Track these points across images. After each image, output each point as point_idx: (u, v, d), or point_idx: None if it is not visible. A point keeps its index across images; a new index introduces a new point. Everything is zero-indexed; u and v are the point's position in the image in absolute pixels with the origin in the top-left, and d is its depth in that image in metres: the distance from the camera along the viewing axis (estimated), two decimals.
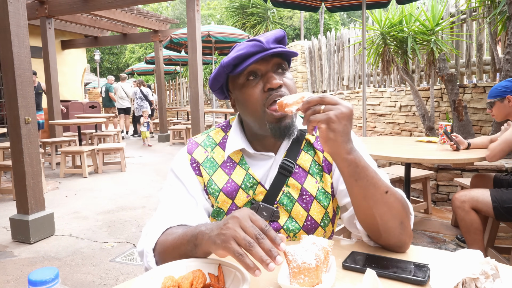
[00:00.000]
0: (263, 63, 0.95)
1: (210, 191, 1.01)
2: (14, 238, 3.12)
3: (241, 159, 1.03)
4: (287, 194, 1.00)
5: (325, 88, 8.76)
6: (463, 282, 0.67)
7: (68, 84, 10.26)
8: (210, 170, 1.03)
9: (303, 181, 1.01)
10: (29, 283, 0.52)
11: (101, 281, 2.43)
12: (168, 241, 0.86)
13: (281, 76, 0.97)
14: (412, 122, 5.71)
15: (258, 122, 0.97)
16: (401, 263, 0.82)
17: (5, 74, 2.98)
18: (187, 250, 0.80)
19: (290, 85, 0.97)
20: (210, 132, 1.11)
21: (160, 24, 9.23)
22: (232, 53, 0.95)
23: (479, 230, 2.16)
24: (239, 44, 0.98)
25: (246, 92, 0.96)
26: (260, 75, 0.96)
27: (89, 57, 20.86)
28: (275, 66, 0.96)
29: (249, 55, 0.92)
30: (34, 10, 6.56)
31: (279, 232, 1.00)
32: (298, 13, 20.82)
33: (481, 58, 4.92)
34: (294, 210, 1.00)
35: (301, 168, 1.02)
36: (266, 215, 0.99)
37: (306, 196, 1.00)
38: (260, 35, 0.98)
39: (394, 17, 4.85)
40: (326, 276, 0.74)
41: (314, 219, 1.00)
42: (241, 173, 1.01)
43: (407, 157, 2.32)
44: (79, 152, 5.54)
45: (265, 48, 0.92)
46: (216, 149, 1.06)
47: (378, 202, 0.84)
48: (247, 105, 0.97)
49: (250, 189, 1.00)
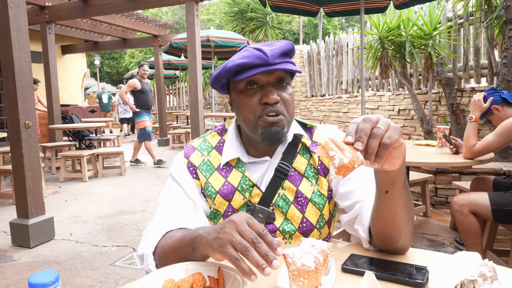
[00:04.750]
0: (264, 74, 0.95)
1: (207, 194, 1.03)
2: (14, 243, 3.11)
3: (237, 162, 1.04)
4: (283, 197, 1.01)
5: (324, 92, 8.78)
6: (461, 284, 0.67)
7: (68, 89, 10.27)
8: (207, 173, 1.04)
9: (298, 184, 1.02)
10: (29, 286, 0.52)
11: (101, 285, 2.43)
12: (167, 244, 0.87)
13: (280, 90, 0.96)
14: (411, 126, 5.73)
15: (250, 129, 0.99)
16: (400, 266, 0.83)
17: (5, 79, 2.99)
18: (185, 253, 0.81)
19: (288, 100, 0.97)
20: (206, 136, 1.12)
21: (160, 29, 9.26)
22: (236, 58, 0.94)
23: (478, 234, 2.16)
24: (245, 49, 0.98)
25: (243, 100, 0.97)
26: (260, 85, 0.96)
27: (89, 62, 20.89)
28: (276, 79, 0.96)
29: (251, 66, 0.92)
30: (35, 15, 6.58)
31: (275, 234, 1.01)
32: (297, 18, 20.91)
33: (479, 62, 4.95)
34: (289, 212, 1.01)
35: (297, 171, 1.03)
36: (262, 217, 1.00)
37: (302, 199, 1.01)
38: (267, 44, 0.97)
39: (392, 21, 4.88)
40: (326, 278, 0.75)
41: (310, 221, 1.01)
42: (237, 176, 1.03)
43: (406, 160, 2.33)
44: (79, 157, 5.54)
45: (268, 63, 0.91)
46: (212, 152, 1.07)
47: (404, 209, 0.84)
48: (241, 111, 0.99)
49: (246, 191, 1.01)
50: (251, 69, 0.92)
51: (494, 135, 2.15)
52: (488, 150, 2.19)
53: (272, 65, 0.91)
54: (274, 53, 0.92)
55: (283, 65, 0.92)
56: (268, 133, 0.95)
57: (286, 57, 0.96)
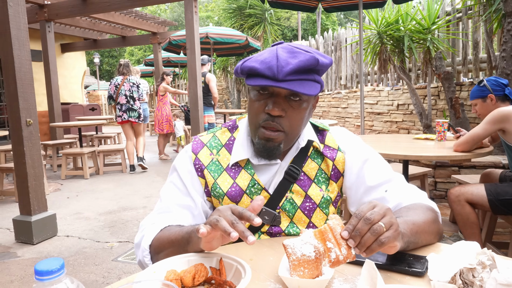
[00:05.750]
0: None
1: (215, 194, 1.02)
2: (17, 239, 3.14)
3: (247, 163, 1.02)
4: (290, 200, 1.00)
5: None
6: (460, 272, 0.68)
7: (68, 87, 10.26)
8: (215, 173, 1.02)
9: (307, 188, 1.01)
10: (35, 273, 0.53)
11: (104, 280, 2.45)
12: (164, 237, 0.88)
13: (290, 105, 0.92)
14: (410, 120, 5.73)
15: (252, 133, 0.99)
16: (399, 255, 0.83)
17: (6, 77, 3.00)
18: (180, 246, 0.82)
19: (294, 118, 0.93)
20: (216, 131, 1.10)
21: (159, 26, 9.24)
22: (254, 59, 0.92)
23: (476, 224, 2.18)
24: (270, 50, 0.93)
25: (252, 102, 0.96)
26: (271, 93, 0.92)
27: (89, 60, 20.86)
28: (288, 92, 0.91)
29: (260, 75, 0.89)
30: (34, 13, 6.57)
31: (280, 235, 1.01)
32: (295, 14, 20.84)
33: (477, 56, 4.95)
34: (296, 216, 1.01)
35: (306, 176, 1.02)
36: (267, 219, 0.99)
37: (310, 204, 1.01)
38: (291, 54, 0.89)
39: (390, 16, 4.88)
40: (326, 268, 0.76)
41: (317, 226, 1.01)
42: (246, 178, 1.01)
43: (405, 154, 2.34)
44: (80, 154, 5.56)
45: (276, 78, 0.86)
46: (222, 151, 1.05)
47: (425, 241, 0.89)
48: (249, 112, 0.98)
49: (254, 194, 1.00)
50: (260, 78, 0.89)
51: (482, 124, 2.20)
52: (475, 139, 2.22)
53: (280, 82, 0.86)
54: (286, 70, 0.86)
55: (293, 84, 0.86)
56: (263, 146, 0.95)
57: (306, 73, 0.89)
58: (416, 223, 0.85)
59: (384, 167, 1.04)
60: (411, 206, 0.94)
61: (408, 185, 1.04)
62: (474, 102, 2.46)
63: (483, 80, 2.40)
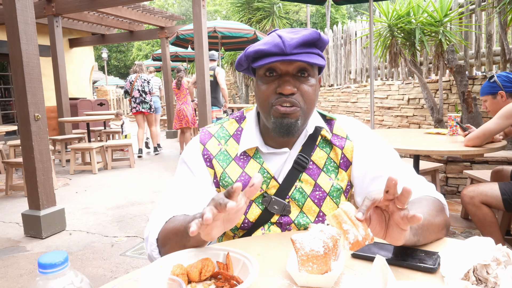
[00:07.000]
0: (284, 63, 0.92)
1: (224, 184, 1.01)
2: (26, 233, 3.17)
3: (256, 152, 1.02)
4: (300, 189, 0.99)
5: (332, 82, 8.70)
6: (474, 269, 0.66)
7: (77, 82, 10.34)
8: (224, 163, 1.02)
9: (316, 177, 1.00)
10: (39, 266, 0.52)
11: (112, 274, 2.46)
12: (168, 229, 0.88)
13: (300, 81, 0.93)
14: (421, 115, 5.65)
15: (264, 116, 0.98)
16: (410, 251, 0.81)
17: (14, 72, 3.01)
18: (182, 236, 0.81)
19: (307, 92, 0.93)
20: (223, 122, 1.09)
21: (166, 20, 9.23)
22: (257, 44, 0.93)
23: (494, 223, 2.13)
24: (271, 34, 0.95)
25: (261, 86, 0.95)
26: (279, 74, 0.93)
27: (97, 55, 20.98)
28: (296, 69, 0.92)
29: (268, 54, 0.90)
30: (42, 8, 6.61)
31: (289, 226, 1.00)
32: (304, 7, 20.69)
33: (491, 49, 4.84)
34: (306, 205, 1.00)
35: (315, 165, 1.01)
36: (277, 208, 0.98)
37: (319, 192, 1.00)
38: (292, 31, 0.93)
39: (401, 8, 4.79)
40: (335, 264, 0.74)
41: (326, 215, 1.00)
42: (255, 167, 1.00)
43: (416, 149, 2.30)
44: (88, 149, 5.59)
45: (284, 53, 0.88)
46: (230, 141, 1.04)
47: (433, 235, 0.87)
48: (258, 97, 0.97)
49: (264, 183, 1.00)
50: (268, 57, 0.90)
51: (494, 119, 2.16)
52: (487, 133, 2.18)
53: (289, 55, 0.88)
54: (293, 43, 0.88)
55: (301, 56, 0.88)
56: (280, 123, 0.93)
57: (310, 47, 0.91)
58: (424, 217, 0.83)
59: (393, 157, 1.03)
60: (418, 199, 0.92)
61: (416, 176, 1.02)
62: (484, 99, 2.42)
63: (493, 76, 2.35)
